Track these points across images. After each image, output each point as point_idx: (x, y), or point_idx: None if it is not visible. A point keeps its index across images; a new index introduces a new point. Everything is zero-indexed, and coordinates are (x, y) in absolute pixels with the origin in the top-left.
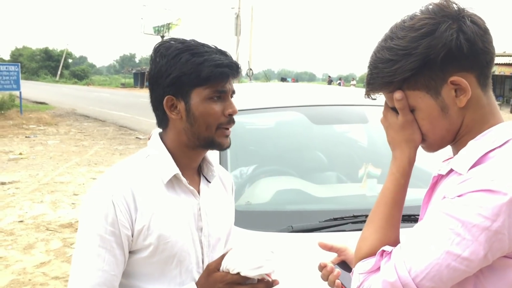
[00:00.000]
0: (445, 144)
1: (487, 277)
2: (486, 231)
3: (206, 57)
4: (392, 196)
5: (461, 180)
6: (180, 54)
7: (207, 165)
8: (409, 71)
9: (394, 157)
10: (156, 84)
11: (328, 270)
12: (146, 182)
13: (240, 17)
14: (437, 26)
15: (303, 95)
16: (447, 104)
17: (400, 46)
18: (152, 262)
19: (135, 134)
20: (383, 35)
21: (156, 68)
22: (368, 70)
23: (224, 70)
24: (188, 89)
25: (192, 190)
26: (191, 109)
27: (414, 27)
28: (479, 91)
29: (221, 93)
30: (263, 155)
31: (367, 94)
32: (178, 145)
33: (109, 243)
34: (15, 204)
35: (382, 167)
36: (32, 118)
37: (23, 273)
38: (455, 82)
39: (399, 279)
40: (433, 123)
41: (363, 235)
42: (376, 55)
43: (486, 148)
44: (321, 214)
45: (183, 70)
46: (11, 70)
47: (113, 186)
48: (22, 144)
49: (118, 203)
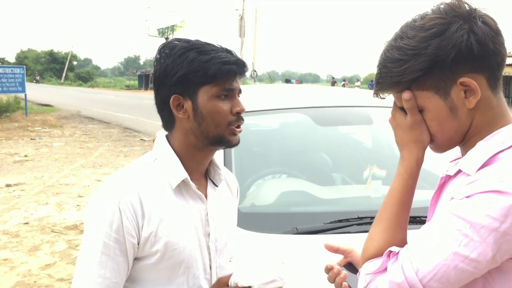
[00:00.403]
0: (454, 145)
1: (495, 278)
2: (495, 232)
3: (213, 55)
4: (400, 197)
5: (470, 181)
6: (186, 52)
7: (214, 168)
8: (418, 71)
9: (402, 157)
10: (162, 84)
11: (335, 272)
12: (153, 187)
13: (244, 18)
14: (447, 27)
15: (307, 96)
16: (456, 105)
17: (409, 45)
18: (158, 268)
19: (139, 136)
20: (393, 34)
21: (161, 68)
22: (377, 69)
23: (231, 67)
24: (195, 87)
25: (200, 195)
26: (198, 107)
27: (425, 26)
28: (489, 93)
29: (228, 91)
30: (268, 157)
31: (376, 94)
32: (185, 147)
33: (113, 250)
34: (21, 206)
35: (387, 168)
36: (37, 120)
37: (28, 275)
38: (465, 83)
39: (406, 280)
40: (442, 124)
41: (370, 235)
42: (386, 54)
43: (495, 149)
44: (326, 216)
45: (189, 68)
46: (16, 72)
47: (120, 192)
48: (27, 146)
49: (125, 210)
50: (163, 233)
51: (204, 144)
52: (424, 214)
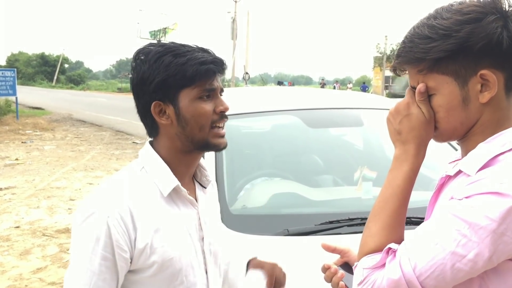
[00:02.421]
0: (455, 137)
1: (492, 279)
2: (493, 233)
3: (188, 56)
4: (403, 194)
5: (470, 181)
6: (162, 57)
7: (200, 170)
8: (444, 52)
9: (408, 153)
10: (141, 91)
11: (332, 271)
12: (143, 197)
13: (236, 21)
14: (484, 16)
15: (298, 98)
16: (470, 96)
17: (442, 25)
18: (156, 280)
19: (131, 139)
20: (427, 14)
21: (138, 75)
22: (401, 43)
23: (209, 66)
24: (175, 91)
25: (191, 200)
26: (180, 112)
27: (462, 11)
28: (503, 93)
29: (209, 91)
30: (259, 159)
31: (394, 68)
32: (172, 152)
33: (98, 267)
34: (11, 209)
35: (377, 170)
36: (28, 123)
37: (20, 279)
38: (485, 76)
39: (404, 276)
40: (450, 111)
41: (370, 231)
42: (415, 30)
43: (496, 151)
44: (317, 217)
45: (167, 72)
46: (7, 75)
47: (109, 206)
48: (18, 150)
49: (115, 225)
50: (158, 244)
51: (190, 148)
52: (415, 215)
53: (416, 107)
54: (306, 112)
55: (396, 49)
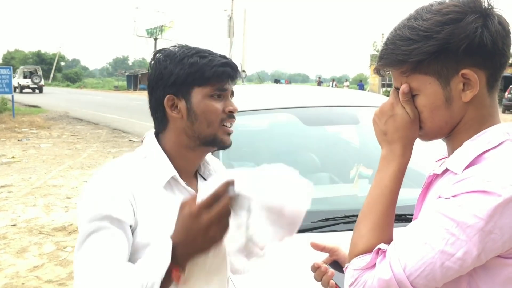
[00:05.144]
0: (440, 135)
1: (481, 275)
2: (480, 231)
3: (210, 58)
4: (391, 195)
5: (456, 180)
6: (188, 57)
7: (204, 165)
8: (426, 54)
9: (395, 153)
10: (157, 85)
11: (322, 270)
12: (145, 184)
13: (233, 19)
14: (464, 16)
15: (295, 96)
16: (452, 95)
17: (422, 27)
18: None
19: (128, 137)
20: (407, 15)
21: (157, 71)
22: (383, 45)
23: (226, 69)
24: (189, 88)
25: (190, 191)
26: (192, 107)
27: (441, 11)
28: (485, 91)
29: (221, 91)
30: (256, 157)
31: (377, 70)
32: (177, 146)
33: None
34: (8, 208)
35: (373, 167)
36: (24, 121)
37: (16, 277)
38: (466, 75)
39: (394, 277)
40: (434, 111)
41: (360, 232)
42: (396, 31)
43: (481, 148)
44: (313, 215)
45: (189, 70)
46: (3, 73)
47: (114, 187)
48: (14, 148)
49: (120, 201)
50: (155, 228)
51: (196, 144)
52: (405, 212)
53: (400, 107)
54: (303, 110)
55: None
